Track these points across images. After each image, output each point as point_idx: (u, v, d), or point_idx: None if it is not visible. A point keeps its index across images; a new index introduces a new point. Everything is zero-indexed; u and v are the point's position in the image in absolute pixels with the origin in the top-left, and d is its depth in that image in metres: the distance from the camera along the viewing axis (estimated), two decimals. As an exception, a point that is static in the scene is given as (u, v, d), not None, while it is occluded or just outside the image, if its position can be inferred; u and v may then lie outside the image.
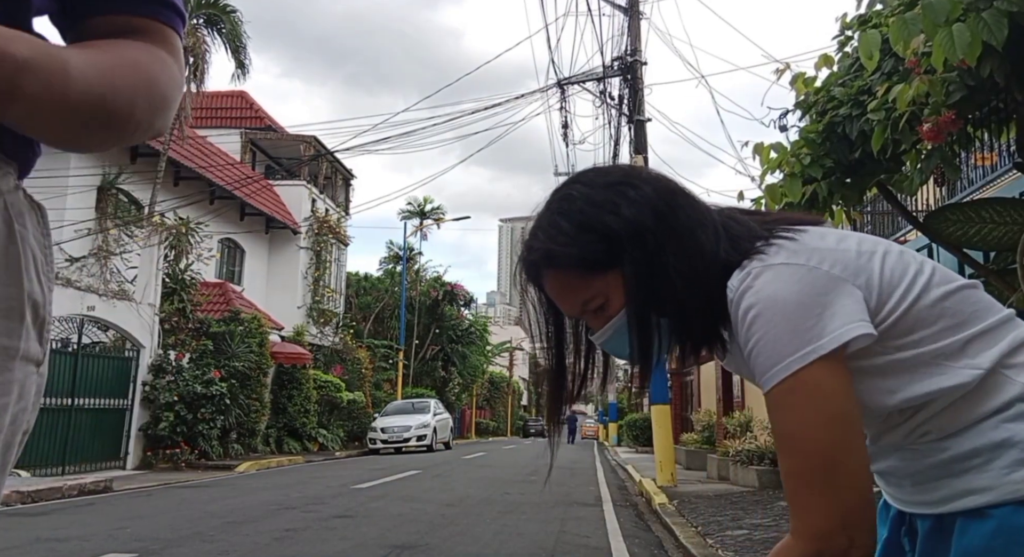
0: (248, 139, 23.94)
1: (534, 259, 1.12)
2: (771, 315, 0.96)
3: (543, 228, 1.11)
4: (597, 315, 1.11)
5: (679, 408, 19.82)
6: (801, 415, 0.95)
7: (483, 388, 45.21)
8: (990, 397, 0.98)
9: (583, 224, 1.07)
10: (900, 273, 1.02)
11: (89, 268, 13.52)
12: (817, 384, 0.94)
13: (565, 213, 1.09)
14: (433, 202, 39.27)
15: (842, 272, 0.99)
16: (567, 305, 1.13)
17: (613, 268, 1.07)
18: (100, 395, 13.63)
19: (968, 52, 2.71)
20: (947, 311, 1.01)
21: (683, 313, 1.07)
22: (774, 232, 1.07)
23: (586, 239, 1.06)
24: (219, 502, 8.70)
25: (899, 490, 1.12)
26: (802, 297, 0.96)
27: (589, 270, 1.08)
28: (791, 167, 4.17)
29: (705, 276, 1.05)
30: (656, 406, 11.88)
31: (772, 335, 0.96)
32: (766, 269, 1.00)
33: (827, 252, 1.01)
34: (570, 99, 15.39)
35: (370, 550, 5.52)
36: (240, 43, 17.20)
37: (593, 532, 6.65)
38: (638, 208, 1.07)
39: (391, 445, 21.48)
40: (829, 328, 0.95)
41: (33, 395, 0.61)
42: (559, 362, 1.20)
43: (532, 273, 1.14)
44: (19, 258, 0.58)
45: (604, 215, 1.07)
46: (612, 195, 1.08)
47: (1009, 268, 3.91)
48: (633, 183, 1.10)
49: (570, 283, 1.10)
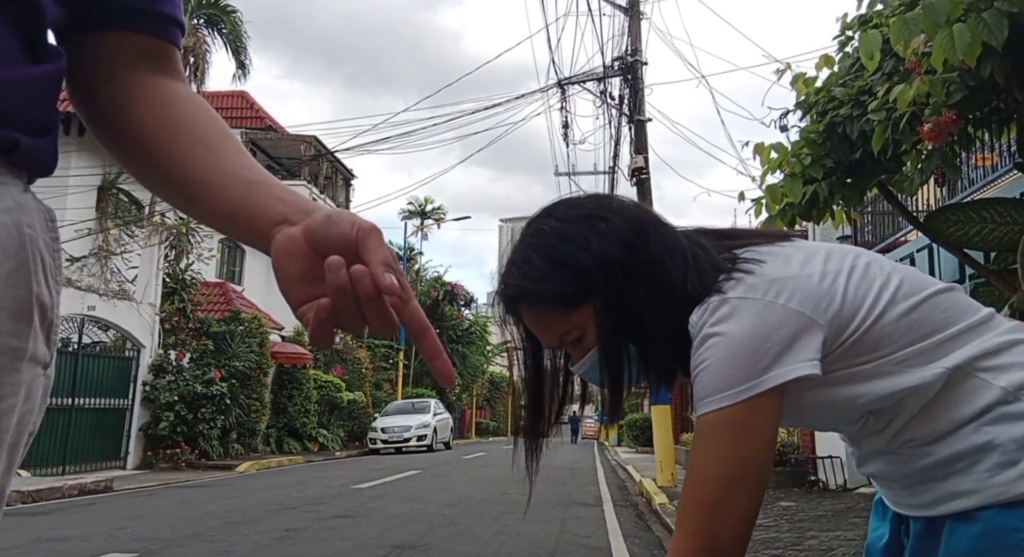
0: (248, 139, 23.94)
1: (510, 295, 1.13)
2: (718, 349, 0.98)
3: (517, 264, 1.12)
4: (575, 346, 1.13)
5: (679, 408, 19.81)
6: (715, 449, 0.99)
7: (483, 388, 45.21)
8: (969, 401, 0.99)
9: (555, 260, 1.08)
10: (864, 292, 1.02)
11: (90, 268, 13.52)
12: (740, 423, 0.97)
13: (538, 249, 1.10)
14: (434, 202, 39.35)
15: (800, 304, 0.99)
16: (545, 337, 1.15)
17: (587, 301, 1.08)
18: (100, 395, 13.64)
19: (968, 52, 2.71)
20: (915, 323, 1.01)
21: (651, 344, 1.08)
22: (736, 261, 1.07)
23: (559, 275, 1.07)
24: (219, 502, 8.70)
25: (891, 492, 1.14)
26: (753, 334, 0.97)
27: (564, 305, 1.09)
28: (792, 167, 4.17)
29: (672, 308, 1.05)
30: (656, 406, 11.88)
31: (714, 368, 0.98)
32: (723, 303, 1.01)
33: (787, 281, 1.01)
34: (570, 99, 15.40)
35: (370, 550, 5.52)
36: (241, 43, 17.21)
37: (593, 532, 6.65)
38: (608, 241, 1.07)
39: (391, 445, 21.48)
40: (773, 367, 0.96)
41: (39, 397, 0.61)
42: (537, 391, 1.22)
43: (509, 306, 1.15)
44: (28, 261, 0.58)
45: (575, 250, 1.07)
46: (583, 229, 1.09)
47: (1010, 268, 3.91)
48: (603, 216, 1.10)
49: (546, 317, 1.11)
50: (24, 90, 0.59)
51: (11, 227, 0.57)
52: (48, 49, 0.62)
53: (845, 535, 5.69)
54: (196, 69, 15.97)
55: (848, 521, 6.41)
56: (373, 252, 0.59)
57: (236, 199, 0.68)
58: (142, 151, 0.71)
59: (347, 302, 0.59)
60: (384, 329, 0.60)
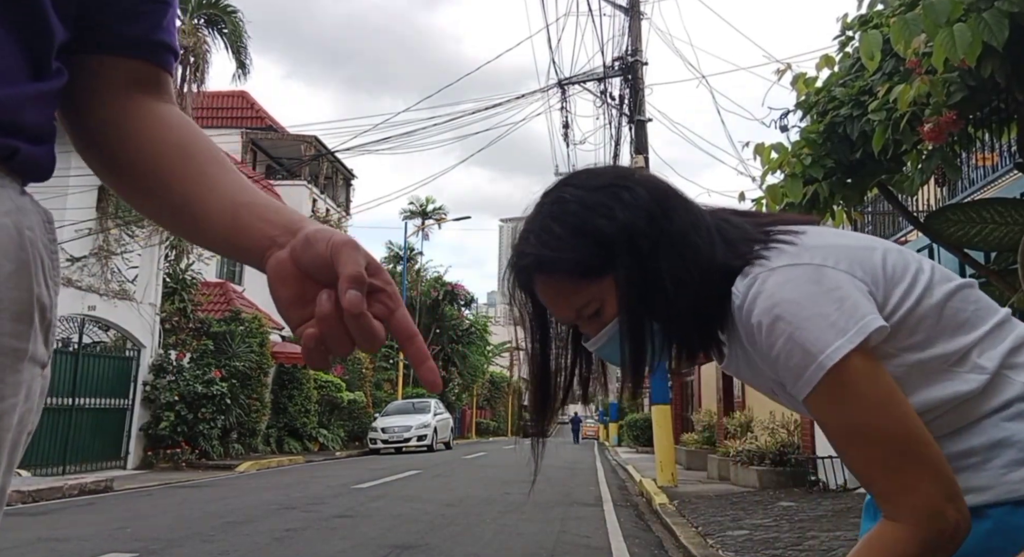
0: (249, 139, 23.95)
1: (525, 264, 1.08)
2: (791, 316, 0.95)
3: (535, 232, 1.07)
4: (591, 321, 1.09)
5: (679, 408, 19.82)
6: (861, 403, 0.93)
7: (483, 388, 45.22)
8: (990, 397, 0.98)
9: (576, 228, 1.04)
10: (902, 270, 1.02)
11: (90, 268, 13.52)
12: (861, 371, 0.93)
13: (557, 217, 1.06)
14: (435, 202, 39.32)
15: (847, 267, 0.98)
16: (560, 311, 1.10)
17: (607, 273, 1.04)
18: (101, 395, 13.64)
19: (969, 52, 2.71)
20: (949, 311, 1.00)
21: (678, 318, 1.05)
22: (771, 235, 1.06)
23: (580, 244, 1.04)
24: (219, 502, 8.70)
25: None
26: (816, 294, 0.95)
27: (583, 275, 1.05)
28: (792, 167, 4.16)
29: (700, 280, 1.03)
30: (657, 406, 11.88)
31: (799, 335, 0.94)
32: (772, 273, 0.98)
33: (828, 249, 1.01)
34: (571, 99, 15.40)
35: (370, 550, 5.52)
36: (241, 43, 17.20)
37: (593, 532, 6.65)
38: (632, 211, 1.04)
39: (391, 445, 21.47)
40: (852, 319, 0.94)
41: (37, 397, 0.62)
42: (544, 371, 1.17)
43: (523, 279, 1.11)
44: (29, 262, 0.59)
45: (598, 219, 1.04)
46: (605, 198, 1.06)
47: (1010, 268, 3.90)
48: (627, 185, 1.07)
49: (563, 289, 1.07)
50: (27, 104, 0.61)
51: (11, 229, 0.58)
52: (52, 67, 0.64)
53: (845, 535, 5.69)
54: (196, 69, 15.95)
55: (848, 521, 6.40)
56: (343, 267, 0.59)
57: (228, 223, 0.68)
58: (135, 176, 0.72)
59: (332, 328, 0.60)
60: (367, 346, 0.60)
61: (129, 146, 0.71)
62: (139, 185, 0.72)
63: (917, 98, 3.17)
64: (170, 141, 0.72)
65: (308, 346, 0.61)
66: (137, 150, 0.71)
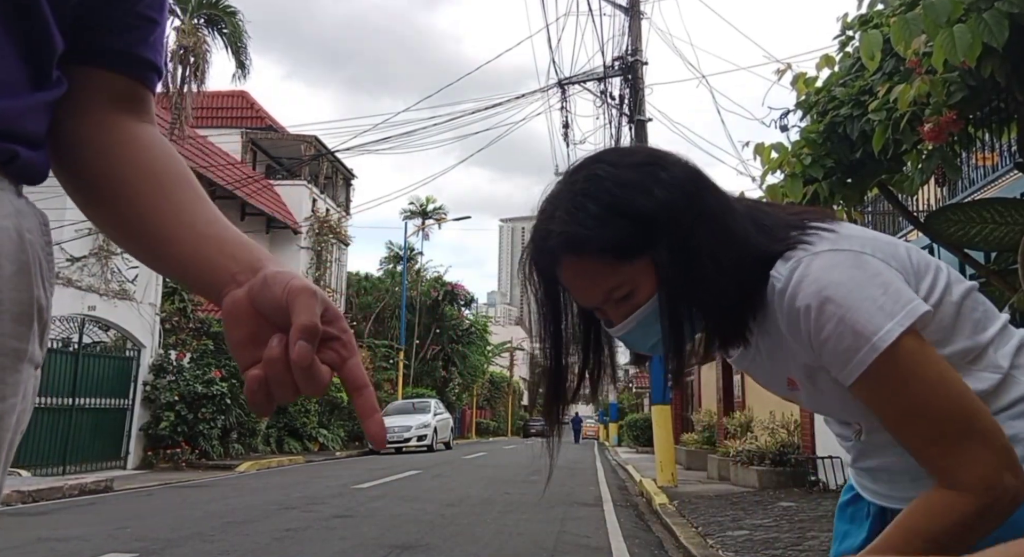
0: (249, 139, 23.94)
1: (554, 245, 1.02)
2: (841, 299, 0.94)
3: (566, 210, 1.01)
4: (619, 305, 1.04)
5: (680, 408, 19.82)
6: (916, 383, 0.93)
7: (483, 388, 45.21)
8: (998, 395, 0.99)
9: (613, 207, 0.99)
10: (924, 266, 1.03)
11: (90, 268, 13.52)
12: (914, 351, 0.93)
13: (592, 194, 1.01)
14: (435, 202, 39.30)
15: (883, 257, 0.99)
16: (588, 294, 1.05)
17: (643, 254, 1.00)
18: (101, 395, 13.63)
19: (969, 52, 2.71)
20: (966, 309, 1.02)
21: (715, 302, 1.02)
22: (807, 222, 1.05)
23: (616, 222, 0.99)
24: (219, 502, 8.70)
25: (892, 487, 1.12)
26: (862, 279, 0.96)
27: (618, 256, 1.00)
28: (792, 167, 4.16)
29: (738, 263, 1.01)
30: (656, 406, 11.88)
31: (850, 317, 0.93)
32: (816, 257, 0.98)
33: (863, 239, 1.02)
34: (571, 99, 15.37)
35: (370, 550, 5.52)
36: (241, 43, 17.20)
37: (593, 532, 6.65)
38: (671, 191, 1.01)
39: (391, 445, 21.46)
40: (899, 303, 0.94)
41: (31, 396, 0.63)
42: (559, 358, 1.12)
43: (546, 261, 1.05)
44: (29, 264, 0.59)
45: (637, 197, 1.00)
46: (642, 176, 1.02)
47: (1010, 268, 3.90)
48: (662, 165, 1.04)
49: (595, 270, 1.02)
50: (28, 113, 0.61)
51: (12, 232, 0.58)
52: (52, 77, 0.64)
53: (845, 535, 5.68)
54: (196, 69, 15.95)
55: (848, 521, 6.39)
56: (297, 315, 0.58)
57: (188, 253, 0.66)
58: (100, 194, 0.70)
59: (277, 373, 0.58)
60: (310, 393, 0.59)
61: (99, 162, 0.70)
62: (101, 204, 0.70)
63: (917, 98, 3.17)
64: (141, 162, 0.70)
65: (252, 388, 0.59)
66: (106, 166, 0.70)
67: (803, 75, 4.40)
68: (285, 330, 0.58)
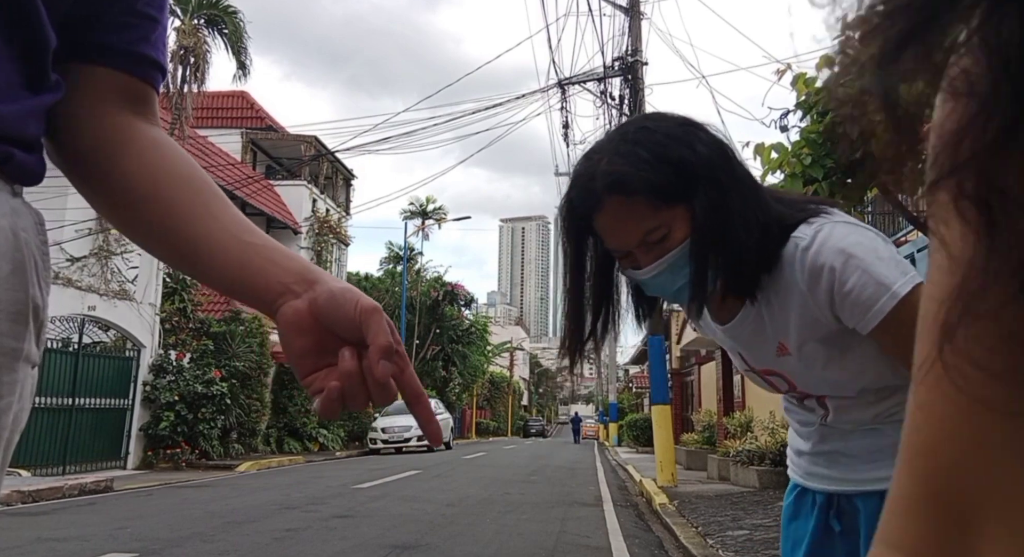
0: (249, 139, 23.95)
1: (603, 185, 1.11)
2: (863, 255, 1.08)
3: (619, 154, 1.11)
4: (652, 248, 1.13)
5: (679, 408, 19.83)
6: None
7: (483, 388, 45.23)
8: None
9: (662, 155, 1.10)
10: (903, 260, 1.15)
11: (90, 268, 13.52)
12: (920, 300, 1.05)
13: (643, 143, 1.12)
14: (435, 202, 39.28)
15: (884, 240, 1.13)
16: (626, 235, 1.13)
17: (682, 201, 1.11)
18: (101, 395, 13.64)
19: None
20: None
21: (738, 254, 1.12)
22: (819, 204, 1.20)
23: (663, 168, 1.09)
24: (219, 502, 8.70)
25: (847, 470, 1.20)
26: (879, 243, 1.10)
27: (662, 199, 1.10)
28: (792, 167, 4.17)
29: (762, 223, 1.12)
30: (656, 406, 11.88)
31: (873, 269, 1.06)
32: (836, 225, 1.12)
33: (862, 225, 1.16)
34: (571, 99, 15.40)
35: (370, 550, 5.52)
36: (241, 44, 17.19)
37: (593, 532, 6.65)
38: (711, 149, 1.13)
39: (391, 445, 21.49)
40: (908, 268, 1.08)
41: (29, 395, 0.63)
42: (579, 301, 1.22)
43: (591, 202, 1.13)
44: (25, 263, 0.59)
45: (682, 148, 1.11)
46: (686, 133, 1.13)
47: (1010, 268, 3.91)
48: (700, 127, 1.16)
49: (637, 211, 1.11)
50: (25, 116, 0.61)
51: (8, 232, 0.59)
52: (50, 79, 0.63)
53: (845, 535, 5.69)
54: (196, 69, 15.94)
55: (848, 521, 6.40)
56: (375, 337, 0.62)
57: (233, 261, 0.67)
58: (131, 201, 0.69)
59: (353, 385, 0.63)
60: (380, 403, 0.64)
61: (121, 166, 0.69)
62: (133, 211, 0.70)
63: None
64: (166, 166, 0.70)
65: (331, 397, 0.63)
66: (131, 173, 0.69)
67: (803, 75, 4.40)
68: (350, 342, 0.63)
